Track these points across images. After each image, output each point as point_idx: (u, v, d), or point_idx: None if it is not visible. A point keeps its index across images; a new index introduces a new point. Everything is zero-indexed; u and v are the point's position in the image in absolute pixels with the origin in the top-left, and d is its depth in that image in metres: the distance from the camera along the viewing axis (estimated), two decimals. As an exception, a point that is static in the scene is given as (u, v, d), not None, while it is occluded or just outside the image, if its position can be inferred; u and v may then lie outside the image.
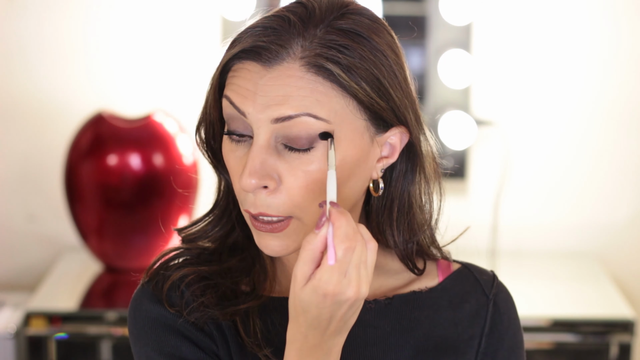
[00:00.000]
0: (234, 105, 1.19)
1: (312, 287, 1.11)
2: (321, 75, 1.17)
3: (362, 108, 1.19)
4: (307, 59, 1.17)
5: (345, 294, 1.11)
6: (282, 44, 1.18)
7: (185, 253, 1.31)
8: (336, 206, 1.13)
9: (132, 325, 1.29)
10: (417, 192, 1.28)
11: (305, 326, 1.13)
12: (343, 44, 1.18)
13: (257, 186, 1.18)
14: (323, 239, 1.11)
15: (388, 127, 1.22)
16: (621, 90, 3.02)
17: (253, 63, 1.19)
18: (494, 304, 1.33)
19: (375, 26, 1.22)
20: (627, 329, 2.64)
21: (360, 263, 1.12)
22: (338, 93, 1.18)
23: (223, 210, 1.31)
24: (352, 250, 1.11)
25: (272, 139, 1.18)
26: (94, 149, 2.75)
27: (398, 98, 1.21)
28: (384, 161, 1.25)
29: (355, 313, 1.14)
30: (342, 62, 1.17)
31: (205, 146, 1.28)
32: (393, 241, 1.29)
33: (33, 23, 2.98)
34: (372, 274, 1.13)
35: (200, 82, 2.93)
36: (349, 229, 1.11)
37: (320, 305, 1.11)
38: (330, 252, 1.10)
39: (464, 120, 2.97)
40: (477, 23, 2.99)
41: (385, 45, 1.21)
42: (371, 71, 1.19)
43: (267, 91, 1.17)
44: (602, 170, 3.06)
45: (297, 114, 1.16)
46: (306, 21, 1.19)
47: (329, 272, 1.10)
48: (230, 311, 1.26)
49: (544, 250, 3.09)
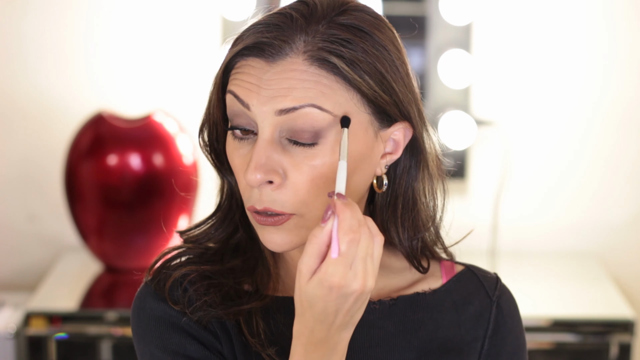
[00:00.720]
0: (238, 99, 1.19)
1: (317, 281, 1.11)
2: (324, 68, 1.17)
3: (365, 102, 1.20)
4: (310, 53, 1.17)
5: (351, 287, 1.11)
6: (285, 39, 1.18)
7: (188, 252, 1.31)
8: (342, 198, 1.12)
9: (135, 323, 1.28)
10: (421, 189, 1.28)
11: (312, 320, 1.13)
12: (345, 38, 1.18)
13: (263, 181, 1.18)
14: (329, 232, 1.11)
15: (392, 122, 1.23)
16: (621, 90, 3.02)
17: (256, 59, 1.19)
18: (497, 306, 1.33)
19: (376, 22, 1.22)
20: (627, 329, 2.64)
21: (367, 256, 1.12)
22: (342, 86, 1.18)
23: (226, 213, 1.31)
24: (356, 243, 1.11)
25: (276, 133, 1.18)
26: (94, 149, 2.74)
27: (401, 92, 1.22)
28: (388, 157, 1.25)
29: (362, 307, 1.14)
30: (345, 56, 1.18)
31: (209, 148, 1.28)
32: (398, 238, 1.29)
33: (33, 23, 2.98)
34: (377, 268, 1.13)
35: (201, 82, 2.93)
36: (354, 221, 1.11)
37: (326, 298, 1.11)
38: (333, 245, 1.10)
39: (464, 120, 2.97)
40: (477, 23, 2.99)
41: (388, 41, 1.22)
42: (374, 65, 1.19)
43: (271, 85, 1.17)
44: (602, 170, 3.06)
45: (301, 105, 1.17)
46: (308, 17, 1.20)
47: (334, 265, 1.10)
48: (233, 311, 1.26)
49: (544, 250, 3.09)
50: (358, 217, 1.12)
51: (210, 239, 1.31)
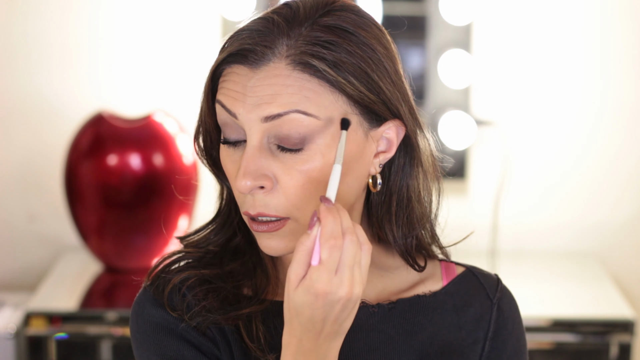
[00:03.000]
0: (225, 108, 1.19)
1: (304, 288, 1.10)
2: (307, 72, 1.17)
3: (352, 103, 1.19)
4: (293, 57, 1.17)
5: (337, 294, 1.10)
6: (267, 44, 1.18)
7: (187, 256, 1.31)
8: (327, 203, 1.12)
9: (134, 329, 1.28)
10: (415, 186, 1.27)
11: (300, 329, 1.13)
12: (328, 40, 1.18)
13: (253, 187, 1.18)
14: (314, 239, 1.11)
15: (382, 121, 1.22)
16: (621, 90, 3.02)
17: (241, 66, 1.19)
18: (498, 307, 1.33)
19: (361, 21, 1.21)
20: (627, 329, 2.64)
21: (354, 263, 1.11)
22: (326, 89, 1.17)
23: (226, 218, 1.30)
24: (338, 249, 1.10)
25: (264, 140, 1.18)
26: (94, 149, 2.74)
27: (389, 91, 1.21)
28: (382, 156, 1.24)
29: (350, 315, 1.13)
30: (327, 58, 1.17)
31: (205, 155, 1.28)
32: (392, 236, 1.28)
33: (33, 23, 2.98)
34: (366, 276, 1.12)
35: (200, 83, 2.92)
36: (336, 227, 1.10)
37: (313, 305, 1.11)
38: (314, 253, 1.10)
39: (464, 120, 2.97)
40: (477, 23, 2.99)
41: (373, 39, 1.21)
42: (359, 65, 1.18)
43: (255, 92, 1.17)
44: (602, 170, 3.06)
45: (285, 111, 1.16)
46: (290, 20, 1.19)
47: (318, 272, 1.10)
48: (232, 316, 1.25)
49: (544, 250, 3.09)
50: (344, 223, 1.11)
51: (209, 243, 1.31)
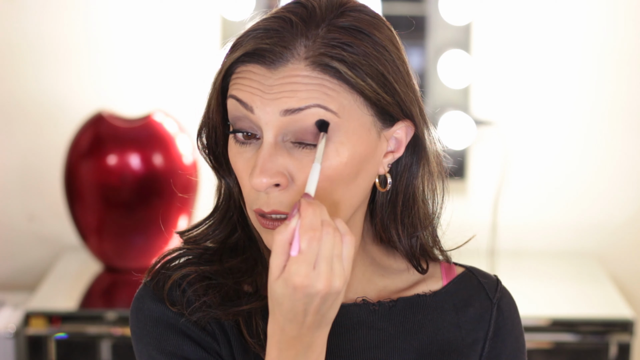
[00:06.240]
0: (241, 102, 1.18)
1: (283, 280, 1.10)
2: (328, 73, 1.17)
3: (368, 104, 1.20)
4: (312, 59, 1.17)
5: (315, 287, 1.10)
6: (286, 45, 1.17)
7: (187, 253, 1.31)
8: (307, 197, 1.12)
9: (134, 324, 1.28)
10: (420, 186, 1.28)
11: (282, 319, 1.12)
12: (346, 42, 1.18)
13: (269, 185, 1.17)
14: (292, 230, 1.10)
15: (394, 122, 1.23)
16: (621, 90, 3.02)
17: (257, 66, 1.18)
18: (498, 308, 1.33)
19: (375, 22, 1.22)
20: (626, 328, 2.64)
21: (332, 256, 1.10)
22: (345, 89, 1.18)
23: (224, 214, 1.30)
24: (317, 240, 1.10)
25: (280, 137, 1.18)
26: (94, 149, 2.75)
27: (403, 92, 1.22)
28: (391, 156, 1.25)
29: (333, 306, 1.13)
30: (347, 60, 1.17)
31: (207, 150, 1.28)
32: (397, 236, 1.28)
33: (33, 23, 2.98)
34: (349, 268, 1.12)
35: (201, 83, 2.93)
36: (315, 219, 1.10)
37: (292, 297, 1.10)
38: (294, 243, 1.10)
39: (464, 120, 2.97)
40: (477, 23, 2.99)
41: (387, 40, 1.22)
42: (376, 67, 1.19)
43: (274, 89, 1.17)
44: (601, 170, 3.06)
45: (307, 105, 1.16)
46: (307, 21, 1.19)
47: (296, 264, 1.09)
48: (233, 312, 1.25)
49: (543, 250, 3.09)
50: (323, 216, 1.11)
51: (208, 239, 1.31)
